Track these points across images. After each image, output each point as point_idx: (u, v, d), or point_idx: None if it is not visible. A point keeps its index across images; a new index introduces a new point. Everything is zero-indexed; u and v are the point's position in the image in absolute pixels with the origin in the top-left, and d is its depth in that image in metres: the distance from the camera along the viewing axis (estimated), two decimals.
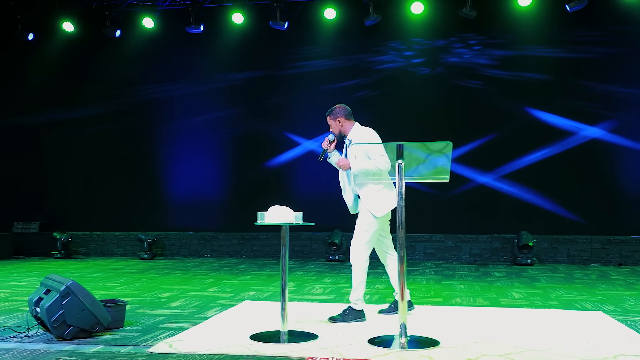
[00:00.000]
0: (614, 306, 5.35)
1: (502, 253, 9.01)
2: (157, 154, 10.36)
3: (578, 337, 4.02)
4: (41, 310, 4.14)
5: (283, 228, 4.14)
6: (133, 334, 4.27)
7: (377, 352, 3.63)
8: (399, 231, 3.86)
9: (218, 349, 3.74)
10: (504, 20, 9.23)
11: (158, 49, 10.20)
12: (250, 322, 4.55)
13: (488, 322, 4.54)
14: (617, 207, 8.95)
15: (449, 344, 3.81)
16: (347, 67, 9.76)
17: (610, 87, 9.01)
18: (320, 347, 3.77)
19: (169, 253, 10.02)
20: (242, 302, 5.53)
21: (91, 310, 4.13)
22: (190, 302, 5.59)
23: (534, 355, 3.53)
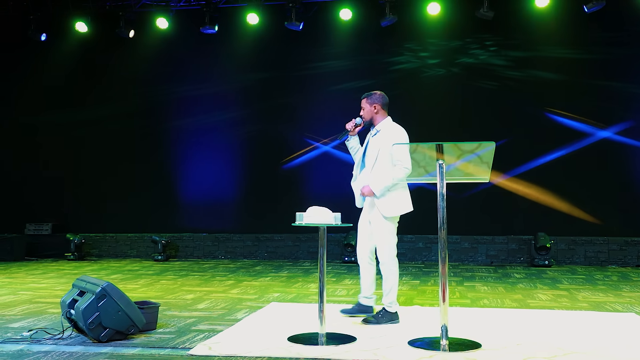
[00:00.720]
0: None
1: (519, 254, 8.98)
2: (171, 154, 10.32)
3: (618, 339, 3.99)
4: (76, 312, 4.10)
5: (321, 229, 4.09)
6: (168, 336, 4.23)
7: (422, 354, 3.60)
8: (440, 232, 3.83)
9: (259, 351, 3.70)
10: (521, 21, 9.20)
11: (172, 50, 10.17)
12: (283, 324, 4.52)
13: (523, 324, 4.50)
14: (634, 207, 8.93)
15: (490, 347, 3.77)
16: (362, 68, 9.72)
17: (626, 88, 8.99)
18: (362, 349, 3.74)
19: (182, 254, 9.98)
20: (268, 304, 5.49)
21: (126, 312, 4.10)
22: (216, 304, 5.55)
23: (580, 357, 3.50)
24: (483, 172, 3.94)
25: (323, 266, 4.09)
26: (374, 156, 4.53)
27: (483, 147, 3.82)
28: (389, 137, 4.48)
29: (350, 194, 9.53)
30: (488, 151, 3.83)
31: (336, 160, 9.74)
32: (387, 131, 4.56)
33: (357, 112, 10.17)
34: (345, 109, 9.70)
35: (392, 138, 4.47)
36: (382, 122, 4.63)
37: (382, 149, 4.46)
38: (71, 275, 7.79)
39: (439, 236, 3.83)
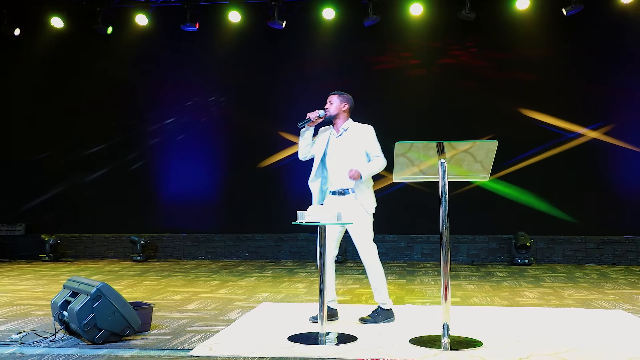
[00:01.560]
0: (630, 305, 5.43)
1: (499, 253, 9.09)
2: (150, 153, 10.16)
3: (613, 335, 4.06)
4: (70, 314, 4.00)
5: (321, 227, 4.06)
6: (163, 337, 4.15)
7: (426, 352, 3.60)
8: (442, 231, 3.83)
9: (261, 351, 3.65)
10: (501, 23, 9.31)
11: (152, 47, 10.01)
12: (279, 324, 4.48)
13: (518, 322, 4.55)
14: (611, 207, 9.11)
15: (491, 344, 3.80)
16: (344, 67, 9.71)
17: (604, 89, 9.17)
18: (365, 348, 3.73)
19: (162, 255, 9.83)
20: (260, 304, 5.44)
21: (122, 313, 4.01)
22: (206, 305, 5.47)
23: (583, 354, 3.54)
24: (483, 171, 3.97)
25: (323, 265, 4.06)
26: (346, 154, 4.48)
27: (486, 146, 3.84)
28: (364, 135, 4.51)
29: None
30: (490, 150, 3.85)
31: None
32: (359, 129, 4.56)
33: None
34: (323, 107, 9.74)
35: (367, 134, 4.51)
36: (347, 122, 4.61)
37: (355, 147, 4.47)
38: (49, 277, 7.61)
39: (441, 235, 3.84)
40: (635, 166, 9.04)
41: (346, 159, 4.48)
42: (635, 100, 9.09)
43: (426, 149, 3.91)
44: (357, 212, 4.47)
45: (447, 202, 3.84)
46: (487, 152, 3.91)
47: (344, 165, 4.48)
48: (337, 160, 4.53)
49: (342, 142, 4.54)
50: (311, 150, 4.69)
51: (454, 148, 3.88)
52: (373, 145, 4.48)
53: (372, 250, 4.53)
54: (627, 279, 7.24)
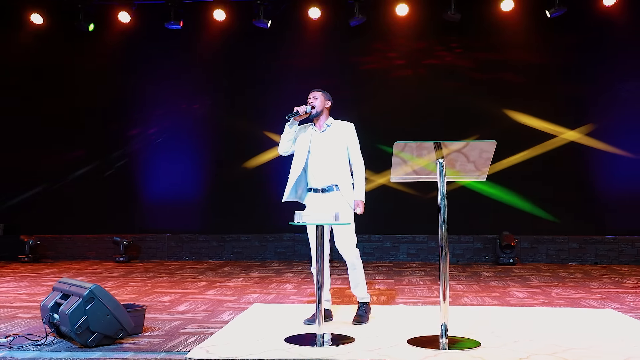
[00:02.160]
0: (618, 304, 5.49)
1: (484, 253, 9.15)
2: (132, 153, 10.02)
3: (607, 334, 4.09)
4: (61, 317, 3.91)
5: (319, 228, 4.02)
6: (157, 339, 4.08)
7: (426, 353, 3.59)
8: (441, 231, 3.83)
9: (259, 353, 3.61)
10: (486, 24, 9.36)
11: (134, 45, 9.86)
12: (273, 325, 4.43)
13: (512, 321, 4.56)
14: (593, 207, 9.23)
15: (489, 344, 3.80)
16: (330, 67, 9.69)
17: (585, 91, 9.28)
18: (364, 349, 3.70)
19: (145, 256, 9.70)
20: (251, 306, 5.38)
21: (115, 315, 3.93)
22: (197, 306, 5.40)
23: (582, 353, 3.56)
24: (477, 171, 3.97)
25: (321, 266, 4.02)
26: (330, 151, 4.48)
27: (484, 146, 3.84)
28: (347, 132, 4.54)
29: None
30: (484, 150, 3.86)
31: None
32: (341, 126, 4.57)
33: None
34: None
35: (350, 132, 4.54)
36: (329, 119, 4.63)
37: (337, 143, 4.49)
38: (30, 279, 7.45)
39: (440, 235, 3.84)
40: (616, 167, 9.16)
41: (330, 156, 4.47)
42: (616, 102, 9.21)
43: (419, 149, 3.90)
44: (342, 209, 4.43)
45: (445, 202, 3.84)
46: (481, 152, 3.91)
47: (327, 162, 4.48)
48: (320, 157, 4.50)
49: (325, 139, 4.52)
50: (293, 146, 4.64)
51: (448, 148, 3.88)
52: (355, 143, 4.51)
53: (354, 247, 4.53)
54: (611, 278, 7.33)
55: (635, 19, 9.02)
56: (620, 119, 9.18)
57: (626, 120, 9.17)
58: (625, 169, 9.18)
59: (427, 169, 3.96)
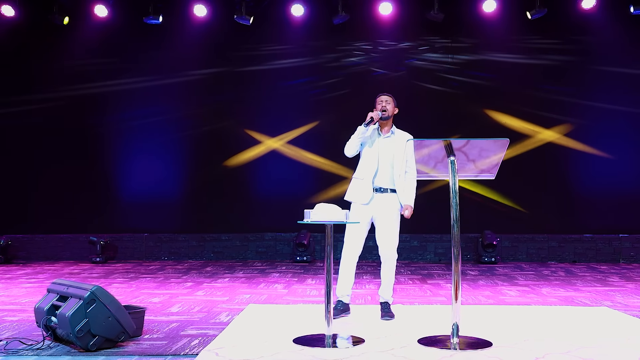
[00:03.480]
0: (610, 301, 5.56)
1: (466, 252, 9.20)
2: (109, 151, 9.74)
3: (612, 332, 4.12)
4: (60, 320, 3.74)
5: (328, 226, 3.95)
6: (159, 342, 3.95)
7: (442, 354, 3.55)
8: (453, 230, 3.80)
9: (270, 355, 3.52)
10: (468, 24, 9.41)
11: (112, 40, 9.57)
12: (276, 326, 4.35)
13: (515, 320, 4.57)
14: (571, 207, 9.38)
15: (500, 344, 3.78)
16: (311, 65, 9.62)
17: (563, 93, 9.42)
18: (377, 350, 3.64)
19: (122, 256, 9.45)
20: (246, 306, 5.27)
21: (117, 317, 3.79)
22: (190, 307, 5.26)
23: (595, 352, 3.57)
24: (493, 169, 3.96)
25: (330, 266, 3.95)
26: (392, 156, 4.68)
27: (497, 144, 3.82)
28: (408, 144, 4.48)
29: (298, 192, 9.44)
30: (484, 149, 3.84)
31: (283, 159, 9.58)
32: (404, 135, 4.76)
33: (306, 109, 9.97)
34: (293, 106, 9.62)
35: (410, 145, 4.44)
36: (394, 127, 4.81)
37: (403, 151, 4.63)
38: (5, 280, 7.18)
39: (452, 234, 3.81)
40: (592, 167, 9.33)
41: (394, 160, 4.65)
42: (593, 103, 9.38)
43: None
44: (393, 213, 4.65)
45: (457, 200, 3.81)
46: (480, 150, 3.90)
47: (390, 166, 4.65)
48: (385, 159, 4.66)
49: (390, 143, 4.68)
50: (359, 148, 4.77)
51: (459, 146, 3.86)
52: (412, 154, 4.41)
53: (395, 248, 4.71)
54: (594, 277, 7.44)
55: (612, 22, 9.18)
56: (597, 120, 9.34)
57: (602, 121, 9.34)
58: (601, 169, 9.36)
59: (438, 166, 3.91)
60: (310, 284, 6.76)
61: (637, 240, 9.11)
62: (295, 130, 9.58)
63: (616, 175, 9.32)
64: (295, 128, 9.58)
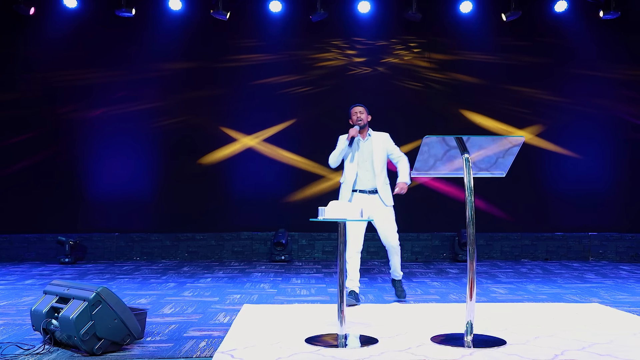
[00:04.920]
0: (597, 298, 5.68)
1: (442, 250, 9.28)
2: (77, 147, 9.39)
3: (616, 327, 4.19)
4: (62, 322, 3.55)
5: (341, 224, 3.88)
6: (164, 345, 3.80)
7: (462, 352, 3.53)
8: (468, 228, 3.78)
9: (288, 357, 3.43)
10: (445, 25, 9.49)
11: (81, 32, 9.22)
12: (281, 326, 4.25)
13: (518, 317, 4.60)
14: (542, 206, 9.58)
15: (513, 341, 3.79)
16: (288, 62, 9.51)
17: (536, 94, 9.61)
18: (395, 349, 3.60)
19: (91, 256, 9.12)
20: (242, 307, 5.14)
21: (123, 320, 3.63)
22: (183, 308, 5.10)
23: (609, 348, 3.62)
24: (504, 167, 3.97)
25: (344, 264, 3.88)
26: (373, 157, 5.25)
27: (512, 142, 3.83)
28: (386, 139, 5.36)
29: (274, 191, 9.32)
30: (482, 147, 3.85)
31: (259, 157, 9.44)
32: (380, 135, 5.37)
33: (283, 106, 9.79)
34: (269, 103, 9.50)
35: (388, 139, 5.38)
36: (370, 130, 5.39)
37: (380, 150, 5.26)
38: None
39: (467, 232, 3.79)
40: (564, 167, 9.54)
41: (373, 161, 5.21)
42: (564, 105, 9.60)
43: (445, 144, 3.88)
44: (387, 208, 5.24)
45: (472, 198, 3.80)
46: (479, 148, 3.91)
47: (370, 167, 5.21)
48: (366, 162, 5.21)
49: (369, 146, 5.25)
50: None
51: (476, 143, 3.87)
52: (393, 145, 5.30)
53: (397, 237, 5.29)
54: (570, 273, 7.60)
55: (583, 26, 9.43)
56: (567, 121, 9.56)
57: (572, 122, 9.56)
58: (571, 169, 9.58)
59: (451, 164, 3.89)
60: (296, 284, 6.67)
61: (605, 238, 9.36)
62: (272, 128, 9.46)
63: (585, 175, 9.56)
64: (272, 126, 9.46)
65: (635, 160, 9.57)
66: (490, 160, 3.98)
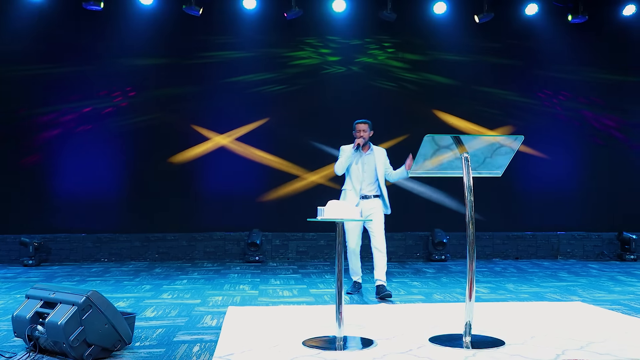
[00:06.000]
0: (577, 296, 5.76)
1: (415, 250, 9.30)
2: (43, 145, 9.02)
3: (606, 327, 4.23)
4: (49, 328, 3.37)
5: (339, 224, 3.80)
6: (156, 350, 3.65)
7: (465, 353, 3.50)
8: (468, 227, 3.76)
9: None
10: (419, 25, 9.50)
11: (48, 27, 8.83)
12: (274, 329, 4.15)
13: (508, 317, 4.61)
14: (512, 206, 9.70)
15: (511, 341, 3.78)
16: (261, 60, 9.37)
17: (506, 95, 9.73)
18: (396, 351, 3.54)
19: (56, 258, 8.78)
20: (226, 309, 5.01)
21: (114, 324, 3.47)
22: (165, 311, 4.94)
23: (608, 346, 3.64)
24: (501, 166, 3.96)
25: (341, 264, 3.80)
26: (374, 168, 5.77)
27: (512, 141, 3.82)
28: (384, 154, 5.86)
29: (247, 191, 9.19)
30: (514, 145, 3.85)
31: (231, 156, 9.28)
32: (379, 150, 5.87)
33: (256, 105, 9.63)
34: (242, 101, 9.34)
35: (385, 155, 5.87)
36: (371, 144, 5.86)
37: (381, 163, 5.79)
38: None
39: (467, 231, 3.76)
40: (533, 168, 9.67)
41: (377, 171, 5.75)
42: (534, 106, 9.75)
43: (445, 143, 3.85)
44: (380, 213, 5.74)
45: (472, 197, 3.77)
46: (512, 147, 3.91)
47: (373, 176, 5.76)
48: (368, 172, 5.74)
49: (371, 159, 5.78)
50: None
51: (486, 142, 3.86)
52: (387, 160, 5.88)
53: (385, 240, 5.75)
54: (543, 272, 7.71)
55: (553, 28, 9.59)
56: (536, 122, 9.70)
57: (541, 124, 9.72)
58: (540, 170, 9.74)
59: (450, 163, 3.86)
60: (276, 285, 6.57)
61: (572, 237, 9.56)
62: (245, 127, 9.30)
63: (553, 176, 9.73)
64: (245, 124, 9.30)
65: (600, 161, 9.79)
66: (477, 160, 3.94)
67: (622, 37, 9.78)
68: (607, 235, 9.53)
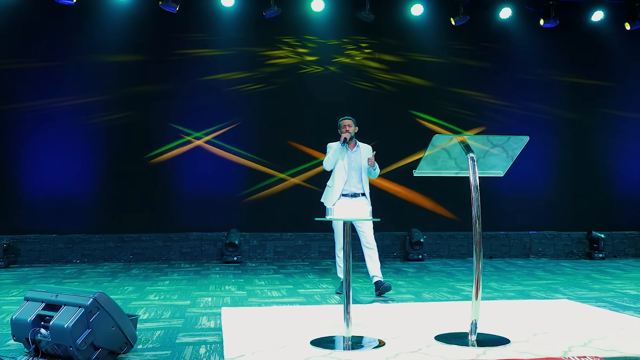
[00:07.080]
0: (560, 294, 5.89)
1: (392, 250, 9.36)
2: (10, 140, 8.72)
3: (601, 324, 4.34)
4: (55, 332, 3.25)
5: (347, 224, 3.78)
6: (161, 352, 3.57)
7: (477, 352, 3.52)
8: (475, 226, 3.79)
9: None
10: (396, 26, 9.58)
11: (18, 21, 8.56)
12: (278, 329, 4.10)
13: (504, 315, 4.67)
14: (486, 205, 9.77)
15: (516, 339, 3.83)
16: (238, 58, 9.28)
17: (479, 97, 9.90)
18: (406, 351, 3.54)
19: (25, 259, 8.51)
20: (220, 310, 4.93)
21: (121, 326, 3.37)
22: (158, 313, 4.83)
23: (610, 343, 3.72)
24: (503, 167, 4.02)
25: (349, 265, 3.78)
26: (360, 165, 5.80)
27: (516, 141, 3.88)
28: (370, 151, 5.82)
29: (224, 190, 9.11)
30: (518, 146, 3.90)
31: (208, 155, 9.16)
32: (365, 147, 5.90)
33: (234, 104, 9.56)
34: (220, 100, 9.24)
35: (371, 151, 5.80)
36: (357, 141, 5.90)
37: (365, 159, 5.77)
38: None
39: (473, 231, 3.79)
40: None
41: (362, 168, 5.79)
42: (506, 108, 9.94)
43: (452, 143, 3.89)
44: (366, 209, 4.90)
45: (479, 196, 3.81)
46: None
47: (358, 174, 5.77)
48: (355, 169, 5.77)
49: (357, 156, 5.81)
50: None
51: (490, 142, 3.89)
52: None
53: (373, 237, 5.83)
54: (520, 271, 7.87)
55: (526, 32, 9.81)
56: (508, 123, 9.89)
57: (513, 125, 9.89)
58: (512, 171, 9.79)
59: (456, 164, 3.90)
60: (261, 285, 6.51)
61: (544, 236, 9.78)
62: (222, 126, 9.19)
63: (525, 176, 9.92)
64: (222, 123, 9.19)
65: (569, 162, 10.06)
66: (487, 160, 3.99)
67: (590, 42, 10.08)
68: (577, 234, 9.80)
